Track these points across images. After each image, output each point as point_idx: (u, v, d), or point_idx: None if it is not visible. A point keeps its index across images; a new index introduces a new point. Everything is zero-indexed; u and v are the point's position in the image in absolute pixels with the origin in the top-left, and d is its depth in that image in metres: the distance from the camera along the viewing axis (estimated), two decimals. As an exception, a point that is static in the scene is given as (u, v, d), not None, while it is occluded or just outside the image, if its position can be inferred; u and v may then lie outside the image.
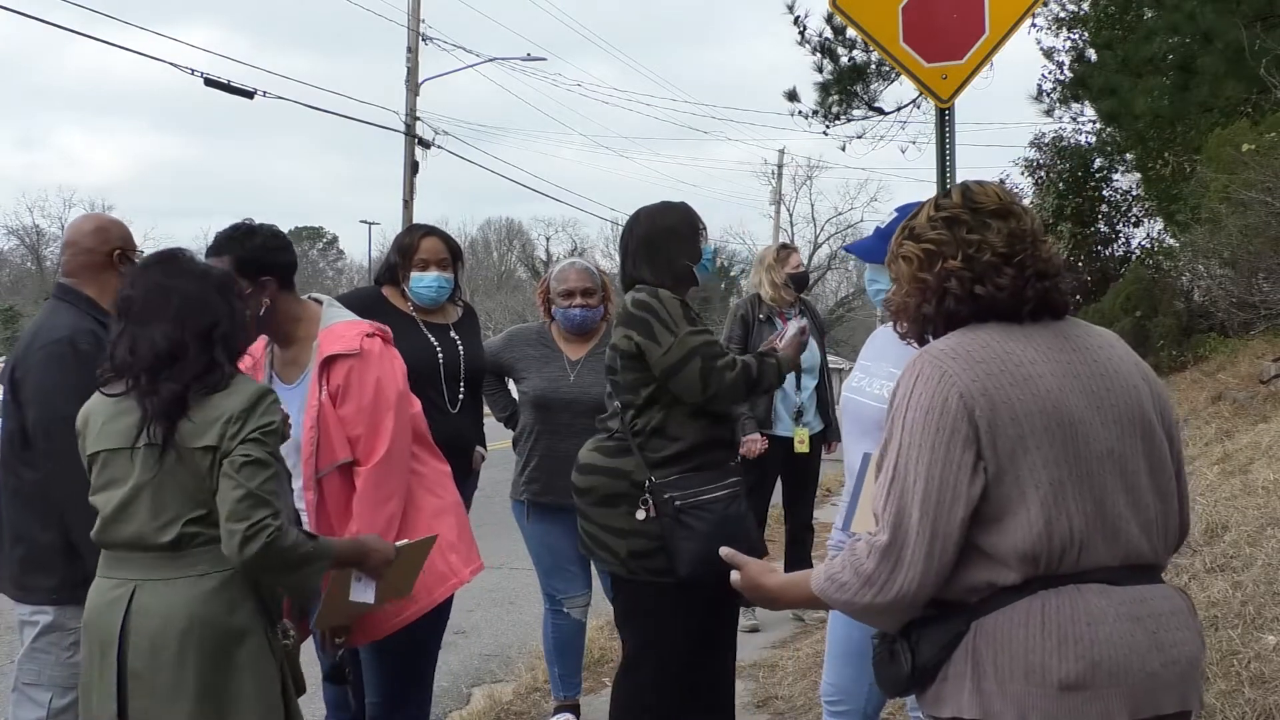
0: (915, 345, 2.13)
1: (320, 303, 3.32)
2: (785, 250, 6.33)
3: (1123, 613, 1.91)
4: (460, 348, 4.31)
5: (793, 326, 3.73)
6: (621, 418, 3.42)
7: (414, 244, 4.25)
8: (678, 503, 3.29)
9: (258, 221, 3.26)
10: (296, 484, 3.20)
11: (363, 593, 2.99)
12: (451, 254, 4.32)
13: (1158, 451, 2.02)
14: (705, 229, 3.64)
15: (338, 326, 3.21)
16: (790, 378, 6.15)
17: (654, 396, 3.35)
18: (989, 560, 1.91)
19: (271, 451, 2.58)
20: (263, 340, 3.32)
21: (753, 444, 5.87)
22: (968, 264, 2.03)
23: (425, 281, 4.23)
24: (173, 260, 2.72)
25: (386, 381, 3.17)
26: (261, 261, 3.15)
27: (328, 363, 3.13)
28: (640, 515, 3.30)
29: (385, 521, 3.12)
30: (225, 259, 3.10)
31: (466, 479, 4.42)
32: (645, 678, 3.42)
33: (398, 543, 3.03)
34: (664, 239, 3.50)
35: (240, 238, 3.16)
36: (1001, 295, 2.01)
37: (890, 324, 3.16)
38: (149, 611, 2.54)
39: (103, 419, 2.63)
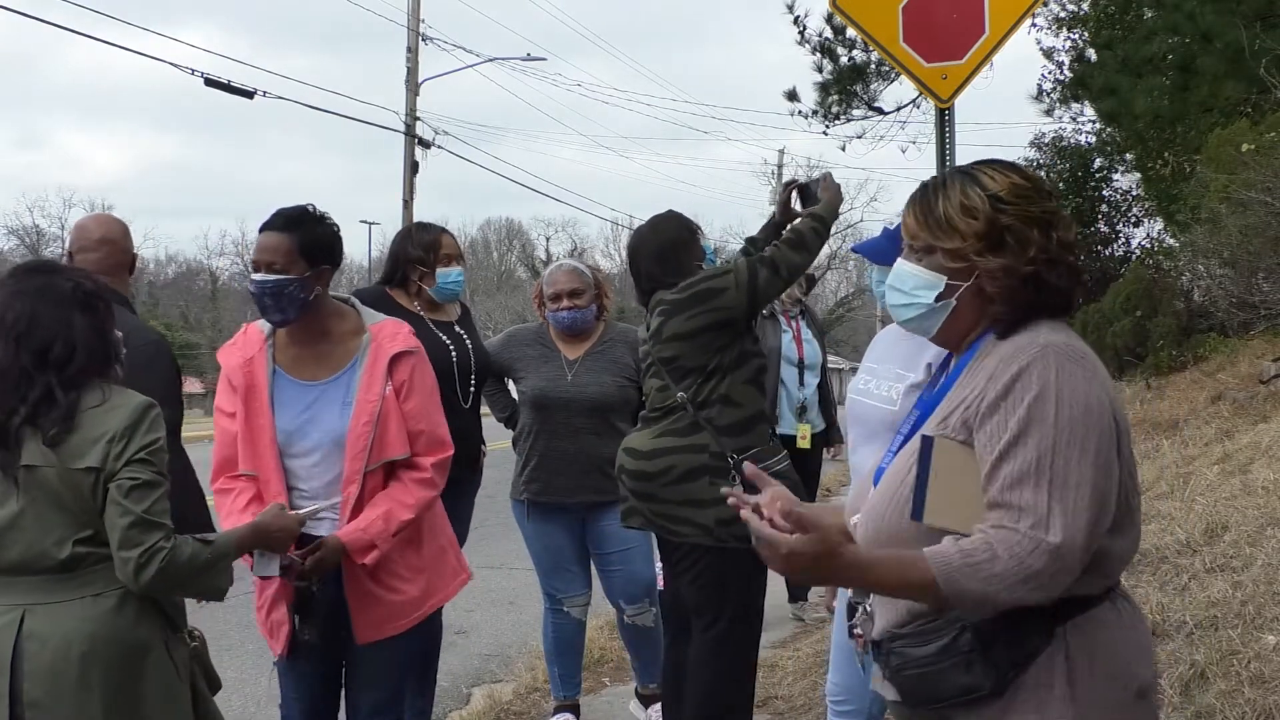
0: (1000, 327, 1.87)
1: (348, 302, 3.27)
2: None
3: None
4: (469, 343, 4.35)
5: (824, 181, 3.78)
6: (688, 396, 3.59)
7: (437, 240, 4.28)
8: None
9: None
10: (326, 477, 3.08)
11: (266, 567, 2.90)
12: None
13: None
14: (700, 228, 3.89)
15: (387, 325, 3.20)
16: (793, 374, 6.17)
17: (720, 364, 3.57)
18: (1091, 568, 1.78)
19: (159, 470, 2.44)
20: (260, 336, 3.16)
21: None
22: (1069, 236, 1.89)
23: (453, 276, 4.29)
24: (16, 276, 2.55)
25: (435, 382, 3.22)
26: (324, 248, 3.10)
27: (394, 360, 3.11)
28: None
29: (416, 505, 3.09)
30: (289, 237, 3.03)
31: (473, 476, 4.42)
32: (749, 638, 3.68)
33: (300, 511, 2.95)
34: (673, 249, 3.76)
35: (309, 221, 3.09)
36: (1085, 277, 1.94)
37: (893, 325, 3.18)
38: (43, 637, 2.40)
39: None
